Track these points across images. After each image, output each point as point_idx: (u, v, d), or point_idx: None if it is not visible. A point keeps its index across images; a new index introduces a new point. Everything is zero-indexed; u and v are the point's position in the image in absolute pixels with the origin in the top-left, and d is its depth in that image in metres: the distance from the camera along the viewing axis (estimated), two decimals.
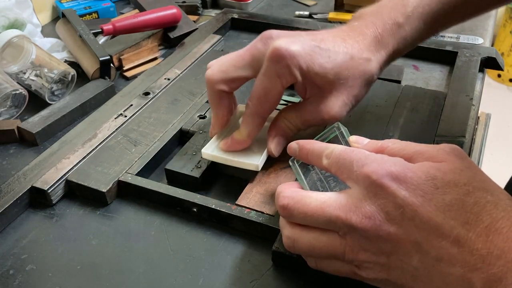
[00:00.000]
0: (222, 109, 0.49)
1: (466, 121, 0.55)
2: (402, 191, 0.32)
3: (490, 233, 0.30)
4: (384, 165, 0.33)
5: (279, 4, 0.94)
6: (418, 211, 0.31)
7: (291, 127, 0.49)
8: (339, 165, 0.36)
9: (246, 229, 0.46)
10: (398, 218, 0.32)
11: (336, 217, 0.34)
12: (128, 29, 0.75)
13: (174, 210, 0.49)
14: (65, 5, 0.88)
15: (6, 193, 0.49)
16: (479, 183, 0.32)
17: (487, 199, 0.31)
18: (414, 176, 0.32)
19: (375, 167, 0.33)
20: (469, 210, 0.31)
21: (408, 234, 0.32)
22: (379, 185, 0.32)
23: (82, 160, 0.53)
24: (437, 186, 0.31)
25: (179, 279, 0.42)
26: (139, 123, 0.58)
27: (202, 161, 0.51)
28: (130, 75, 0.72)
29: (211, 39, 0.75)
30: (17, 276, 0.43)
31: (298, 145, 0.41)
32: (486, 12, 0.56)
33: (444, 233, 0.31)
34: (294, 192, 0.37)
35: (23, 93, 0.64)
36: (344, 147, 0.38)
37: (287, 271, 0.42)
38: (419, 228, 0.31)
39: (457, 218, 0.31)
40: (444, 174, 0.32)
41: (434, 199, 0.31)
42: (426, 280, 0.32)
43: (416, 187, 0.32)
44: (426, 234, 0.31)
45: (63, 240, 0.46)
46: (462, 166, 0.33)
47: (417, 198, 0.31)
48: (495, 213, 0.30)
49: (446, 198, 0.31)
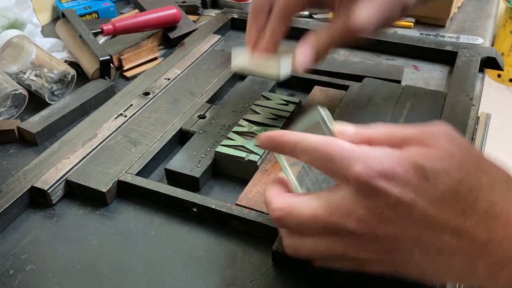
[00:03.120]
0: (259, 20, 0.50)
1: (466, 121, 0.55)
2: (393, 190, 0.30)
3: (488, 220, 0.29)
4: (372, 163, 0.31)
5: None
6: (411, 207, 0.30)
7: (320, 39, 0.47)
8: (319, 162, 0.34)
9: (246, 229, 0.46)
10: (393, 218, 0.31)
11: (331, 223, 0.33)
12: (128, 29, 0.75)
13: (174, 210, 0.49)
14: (65, 5, 0.88)
15: (6, 193, 0.49)
16: (472, 166, 0.31)
17: (482, 182, 0.30)
18: (403, 170, 0.31)
19: (362, 168, 0.31)
20: (464, 199, 0.30)
21: (405, 231, 0.31)
22: (370, 187, 0.31)
23: (82, 160, 0.53)
24: (427, 177, 0.30)
25: (179, 279, 0.42)
26: (139, 123, 0.58)
27: (202, 161, 0.51)
28: (130, 75, 0.72)
29: (211, 39, 0.75)
30: (17, 276, 0.43)
31: (267, 138, 0.38)
32: None
33: (441, 225, 0.30)
34: (283, 203, 0.35)
35: (23, 93, 0.64)
36: (319, 139, 0.34)
37: (287, 271, 0.42)
38: (415, 224, 0.31)
39: (452, 209, 0.30)
40: (433, 163, 0.31)
41: (426, 193, 0.30)
42: (431, 271, 0.32)
43: (406, 182, 0.30)
44: (423, 229, 0.31)
45: (63, 240, 0.46)
46: (452, 150, 0.31)
47: (409, 194, 0.30)
48: (492, 197, 0.30)
49: (438, 189, 0.30)
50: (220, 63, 0.69)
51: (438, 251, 0.31)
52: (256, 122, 0.56)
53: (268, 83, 0.64)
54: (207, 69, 0.68)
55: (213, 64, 0.69)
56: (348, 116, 0.57)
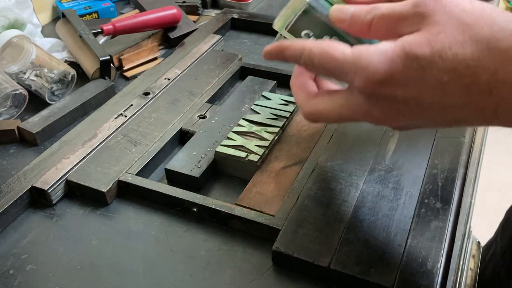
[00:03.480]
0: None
1: None
2: (397, 91, 0.33)
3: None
4: (368, 73, 0.33)
5: (279, 4, 0.94)
6: (419, 98, 0.32)
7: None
8: (325, 71, 0.36)
9: (246, 229, 0.46)
10: (406, 110, 0.34)
11: (355, 119, 0.37)
12: (128, 29, 0.75)
13: (174, 210, 0.49)
14: (65, 5, 0.88)
15: (6, 193, 0.49)
16: (462, 34, 0.31)
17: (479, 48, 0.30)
18: (399, 69, 0.32)
19: (362, 81, 0.33)
20: (467, 75, 0.30)
21: (421, 117, 0.34)
22: (375, 95, 0.34)
23: (82, 160, 0.53)
24: (423, 67, 0.31)
25: (179, 279, 0.42)
26: (139, 123, 0.58)
27: (202, 161, 0.52)
28: (130, 75, 0.72)
29: (211, 39, 0.75)
30: (17, 276, 0.43)
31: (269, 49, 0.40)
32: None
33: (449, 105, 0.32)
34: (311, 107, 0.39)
35: (23, 93, 0.64)
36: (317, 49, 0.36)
37: (287, 271, 0.42)
38: (427, 109, 0.33)
39: (455, 95, 0.31)
40: (425, 49, 0.31)
41: (427, 82, 0.32)
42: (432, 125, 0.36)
43: (406, 79, 0.32)
44: (436, 113, 0.33)
45: (63, 240, 0.46)
46: (439, 28, 0.31)
47: (412, 90, 0.32)
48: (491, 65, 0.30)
49: (438, 77, 0.31)
50: (220, 63, 0.69)
51: (456, 120, 0.33)
52: (256, 122, 0.56)
53: (268, 83, 0.64)
54: (207, 69, 0.68)
55: (213, 64, 0.69)
56: None
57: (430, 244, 0.41)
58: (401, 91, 0.33)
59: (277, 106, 0.59)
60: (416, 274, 0.39)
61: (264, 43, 0.78)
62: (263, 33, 0.81)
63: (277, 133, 0.54)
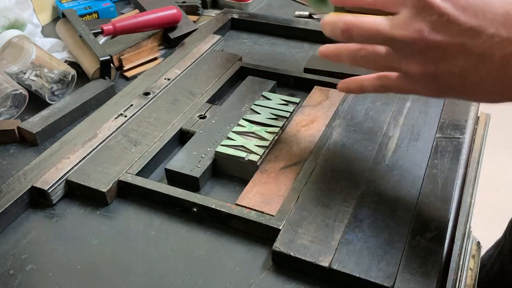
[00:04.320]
0: None
1: (466, 121, 0.55)
2: (444, 4, 0.36)
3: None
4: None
5: (279, 4, 0.94)
6: (459, 19, 0.35)
7: None
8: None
9: (246, 229, 0.46)
10: (443, 28, 0.36)
11: (391, 36, 0.38)
12: (128, 29, 0.75)
13: (174, 210, 0.49)
14: (65, 5, 0.88)
15: (6, 193, 0.49)
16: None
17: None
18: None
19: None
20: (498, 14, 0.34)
21: (452, 39, 0.36)
22: (426, 3, 0.36)
23: (82, 160, 0.53)
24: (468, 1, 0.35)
25: (179, 279, 0.42)
26: (139, 123, 0.58)
27: (202, 161, 0.52)
28: (130, 75, 0.72)
29: (211, 39, 0.75)
30: (17, 276, 0.43)
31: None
32: None
33: (481, 32, 0.35)
34: (350, 17, 0.41)
35: (23, 93, 0.64)
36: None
37: (287, 271, 0.42)
38: (460, 33, 0.35)
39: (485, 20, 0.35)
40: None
41: (470, 8, 0.35)
42: (471, 81, 0.37)
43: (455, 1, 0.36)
44: (467, 37, 0.35)
45: (63, 240, 0.46)
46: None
47: (457, 8, 0.35)
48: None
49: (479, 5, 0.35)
50: (220, 63, 0.69)
51: (479, 55, 0.35)
52: (256, 122, 0.56)
53: (268, 83, 0.64)
54: (207, 69, 0.68)
55: (213, 64, 0.69)
56: (348, 116, 0.57)
57: (430, 244, 0.41)
58: (446, 6, 0.35)
59: (277, 106, 0.59)
60: (416, 274, 0.39)
61: (264, 43, 0.78)
62: (263, 33, 0.81)
63: (277, 133, 0.54)
